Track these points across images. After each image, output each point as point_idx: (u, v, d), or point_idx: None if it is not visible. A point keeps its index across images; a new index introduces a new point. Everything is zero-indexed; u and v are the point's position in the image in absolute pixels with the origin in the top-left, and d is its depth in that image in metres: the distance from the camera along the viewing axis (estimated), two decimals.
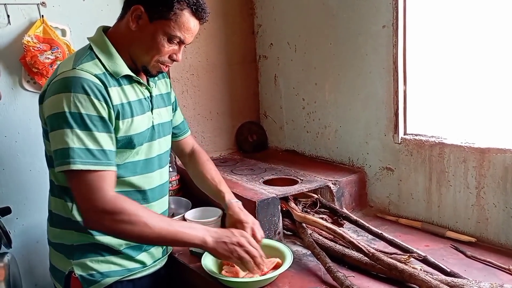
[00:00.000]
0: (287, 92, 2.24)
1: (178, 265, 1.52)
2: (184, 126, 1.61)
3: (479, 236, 1.52)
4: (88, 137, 1.13)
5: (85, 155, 1.11)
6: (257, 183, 1.79)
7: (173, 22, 1.20)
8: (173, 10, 1.19)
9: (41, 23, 1.80)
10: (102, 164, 1.14)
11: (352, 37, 1.84)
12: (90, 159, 1.12)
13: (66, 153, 1.11)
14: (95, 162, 1.13)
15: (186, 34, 1.23)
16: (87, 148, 1.12)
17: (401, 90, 1.70)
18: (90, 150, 1.13)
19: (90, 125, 1.13)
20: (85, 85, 1.13)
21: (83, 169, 1.11)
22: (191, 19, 1.22)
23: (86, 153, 1.12)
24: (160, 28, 1.20)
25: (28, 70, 1.82)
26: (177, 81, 2.17)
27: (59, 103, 1.13)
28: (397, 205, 1.78)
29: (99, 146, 1.14)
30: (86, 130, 1.13)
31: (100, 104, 1.15)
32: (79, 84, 1.13)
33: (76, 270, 1.25)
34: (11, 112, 1.83)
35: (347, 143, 1.96)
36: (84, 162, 1.11)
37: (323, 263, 1.35)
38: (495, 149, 1.45)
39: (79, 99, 1.12)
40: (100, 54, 1.22)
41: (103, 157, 1.15)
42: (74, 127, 1.12)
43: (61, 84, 1.14)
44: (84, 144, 1.12)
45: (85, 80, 1.14)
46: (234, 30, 2.30)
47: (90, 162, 1.12)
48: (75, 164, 1.10)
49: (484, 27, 1.52)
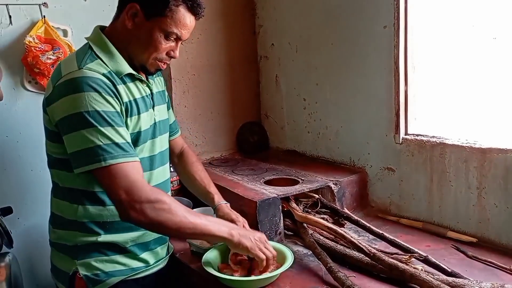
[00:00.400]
0: (288, 92, 2.24)
1: (179, 265, 1.52)
2: (176, 126, 1.62)
3: (480, 236, 1.52)
4: (112, 132, 1.14)
5: (113, 150, 1.13)
6: (258, 183, 1.79)
7: (169, 19, 1.20)
8: (168, 6, 1.19)
9: (42, 24, 1.81)
10: (131, 155, 1.16)
11: (353, 38, 1.84)
12: (119, 153, 1.13)
13: (93, 152, 1.12)
14: (124, 154, 1.14)
15: (183, 30, 1.24)
16: (114, 143, 1.13)
17: (402, 91, 1.70)
18: (118, 144, 1.14)
19: (110, 121, 1.14)
20: (95, 84, 1.14)
21: (116, 163, 1.12)
22: (187, 15, 1.23)
23: (114, 147, 1.13)
24: (156, 25, 1.21)
25: (29, 70, 1.82)
26: (178, 81, 2.17)
27: (73, 104, 1.13)
28: (398, 205, 1.78)
29: (123, 139, 1.16)
30: (109, 126, 1.14)
31: (113, 100, 1.17)
32: (89, 83, 1.13)
33: (80, 270, 1.25)
34: (13, 112, 1.84)
35: (348, 144, 1.96)
36: (114, 156, 1.12)
37: (324, 263, 1.35)
38: (496, 149, 1.45)
39: (93, 97, 1.13)
40: (100, 53, 1.23)
41: (129, 149, 1.17)
42: (96, 125, 1.12)
43: (70, 85, 1.14)
44: (110, 139, 1.13)
45: (94, 79, 1.15)
46: (235, 30, 2.30)
47: (120, 155, 1.13)
48: (106, 161, 1.11)
49: (486, 26, 1.52)
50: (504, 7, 1.47)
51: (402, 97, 1.70)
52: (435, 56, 1.68)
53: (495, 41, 1.50)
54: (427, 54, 1.69)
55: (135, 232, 1.30)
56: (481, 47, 1.54)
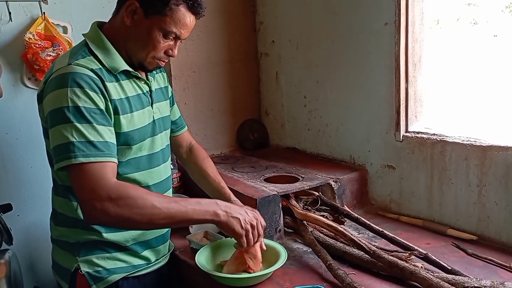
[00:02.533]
0: (289, 89, 2.23)
1: (179, 262, 1.52)
2: (182, 121, 1.61)
3: (480, 234, 1.52)
4: (88, 130, 1.11)
5: (86, 148, 1.09)
6: (258, 181, 1.78)
7: (169, 18, 1.18)
8: (168, 5, 1.17)
9: (42, 20, 1.80)
10: (104, 155, 1.12)
11: (354, 35, 1.83)
12: (91, 151, 1.10)
13: (66, 148, 1.09)
14: (96, 154, 1.10)
15: (182, 29, 1.22)
16: (88, 141, 1.10)
17: (403, 88, 1.69)
18: (92, 142, 1.10)
19: (89, 118, 1.11)
20: (80, 79, 1.12)
21: (87, 161, 1.09)
22: (187, 15, 1.21)
23: (88, 145, 1.10)
24: (155, 24, 1.19)
25: (29, 67, 1.82)
26: (178, 78, 2.17)
27: (57, 99, 1.12)
28: (398, 203, 1.78)
29: (100, 137, 1.12)
30: (86, 122, 1.11)
31: (97, 96, 1.14)
32: (74, 78, 1.12)
33: (82, 267, 1.25)
34: (13, 109, 1.84)
35: (348, 141, 1.96)
36: (85, 155, 1.09)
37: (324, 260, 1.35)
38: (497, 147, 1.45)
39: (75, 93, 1.11)
40: (96, 50, 1.21)
41: (105, 148, 1.12)
42: (73, 121, 1.10)
43: (57, 81, 1.13)
44: (85, 136, 1.10)
45: (80, 74, 1.13)
46: (235, 27, 2.30)
47: (91, 154, 1.10)
48: (76, 158, 1.08)
49: (487, 23, 1.52)
50: (504, 4, 1.47)
51: (402, 95, 1.70)
52: (436, 54, 1.67)
53: (495, 38, 1.50)
54: (428, 51, 1.68)
55: (136, 231, 1.30)
56: (482, 44, 1.54)
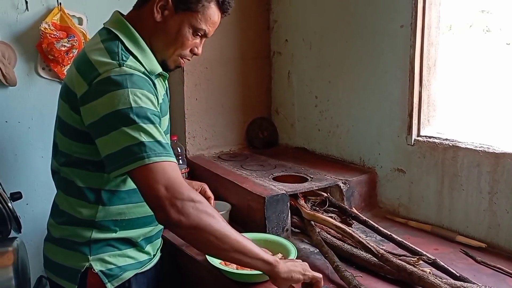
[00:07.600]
0: (300, 89, 2.22)
1: (185, 257, 1.52)
2: None
3: (489, 241, 1.50)
4: (154, 130, 1.07)
5: (156, 148, 1.05)
6: (266, 179, 1.78)
7: (200, 15, 1.17)
8: (201, 2, 1.16)
9: (58, 11, 1.82)
10: (172, 156, 1.09)
11: (368, 36, 1.82)
12: (161, 151, 1.05)
13: (137, 148, 1.03)
14: (166, 153, 1.06)
15: (211, 27, 1.22)
16: (157, 140, 1.06)
17: (417, 91, 1.68)
18: (160, 142, 1.06)
19: (152, 119, 1.07)
20: (139, 81, 1.09)
21: (159, 161, 1.04)
22: (217, 12, 1.21)
23: (157, 145, 1.05)
24: (186, 20, 1.17)
25: (44, 57, 1.83)
26: (190, 73, 2.17)
27: (115, 101, 1.05)
28: (407, 207, 1.76)
29: (164, 139, 1.09)
30: (151, 123, 1.07)
31: (154, 98, 1.12)
32: (132, 80, 1.08)
33: (95, 266, 1.20)
34: (26, 98, 1.85)
35: (359, 143, 1.95)
36: (158, 154, 1.04)
37: (331, 261, 1.34)
38: (510, 155, 1.43)
39: (136, 94, 1.06)
40: (133, 49, 1.16)
41: (170, 149, 1.10)
42: (139, 122, 1.04)
43: (111, 83, 1.07)
44: (153, 137, 1.05)
45: (136, 76, 1.09)
46: (249, 25, 2.29)
47: (164, 154, 1.05)
48: (150, 158, 1.03)
49: (500, 30, 1.50)
50: None
51: (416, 98, 1.68)
52: (451, 58, 1.66)
53: (508, 47, 1.49)
54: (443, 55, 1.66)
55: (148, 227, 1.29)
56: (495, 52, 1.52)
